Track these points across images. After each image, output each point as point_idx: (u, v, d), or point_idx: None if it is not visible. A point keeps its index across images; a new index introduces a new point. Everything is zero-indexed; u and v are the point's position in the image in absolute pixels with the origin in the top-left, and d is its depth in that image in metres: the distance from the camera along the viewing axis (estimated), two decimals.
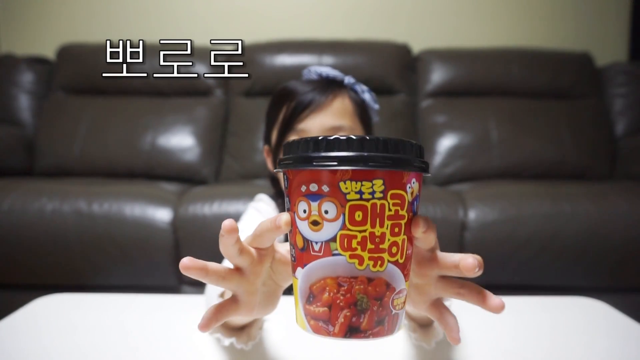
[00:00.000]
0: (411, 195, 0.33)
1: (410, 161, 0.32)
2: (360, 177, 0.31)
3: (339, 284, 0.32)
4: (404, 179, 0.32)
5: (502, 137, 1.90)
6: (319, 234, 0.32)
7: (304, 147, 0.32)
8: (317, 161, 0.31)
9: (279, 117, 0.79)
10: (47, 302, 0.73)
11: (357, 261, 0.32)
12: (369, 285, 0.32)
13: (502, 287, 1.40)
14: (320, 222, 0.32)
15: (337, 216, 0.31)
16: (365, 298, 0.32)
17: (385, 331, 0.33)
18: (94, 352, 0.56)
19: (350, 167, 0.30)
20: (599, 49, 2.25)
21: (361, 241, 0.31)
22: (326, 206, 0.31)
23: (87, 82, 2.05)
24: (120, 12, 2.29)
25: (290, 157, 0.33)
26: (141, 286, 1.40)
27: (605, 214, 1.38)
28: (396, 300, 0.33)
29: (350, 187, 0.31)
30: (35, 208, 1.39)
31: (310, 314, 0.33)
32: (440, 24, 2.30)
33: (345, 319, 0.32)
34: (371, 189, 0.31)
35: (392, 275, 0.33)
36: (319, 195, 0.32)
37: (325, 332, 0.33)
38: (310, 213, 0.32)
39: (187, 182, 1.84)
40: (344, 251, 0.32)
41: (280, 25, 2.27)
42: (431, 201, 1.43)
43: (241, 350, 0.57)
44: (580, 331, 0.65)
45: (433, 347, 0.54)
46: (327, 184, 0.31)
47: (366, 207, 0.31)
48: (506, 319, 0.69)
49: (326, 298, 0.32)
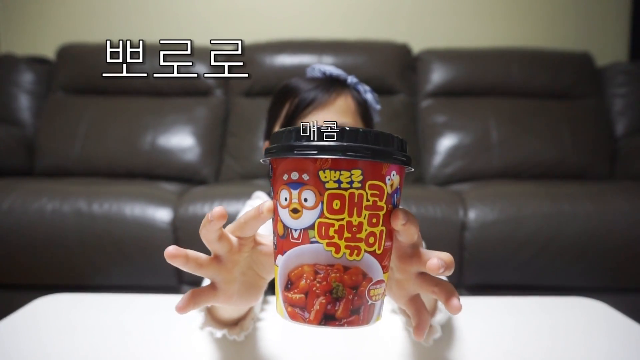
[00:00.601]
0: (391, 188, 0.33)
1: (389, 153, 0.33)
2: (339, 167, 0.32)
3: (316, 271, 0.33)
4: (383, 171, 0.33)
5: (502, 137, 1.90)
6: (299, 221, 0.33)
7: (288, 137, 0.33)
8: (298, 150, 0.32)
9: (282, 113, 0.80)
10: (47, 302, 0.73)
11: (334, 249, 0.32)
12: (345, 273, 0.33)
13: (502, 287, 1.40)
14: (300, 210, 0.32)
15: (316, 204, 0.32)
16: (341, 286, 0.33)
17: (360, 320, 0.34)
18: (94, 352, 0.56)
19: (329, 155, 0.31)
20: (599, 49, 2.25)
21: (338, 229, 0.32)
22: (306, 194, 0.32)
23: (87, 82, 2.05)
24: (120, 12, 2.29)
25: (275, 147, 0.34)
26: (141, 286, 1.40)
27: (605, 214, 1.38)
28: (373, 291, 0.34)
29: (329, 176, 0.32)
30: (35, 208, 1.39)
31: (288, 300, 0.34)
32: (440, 24, 2.30)
33: (321, 306, 0.33)
34: (350, 178, 0.32)
35: (369, 265, 0.33)
36: (299, 183, 0.32)
37: (301, 318, 0.33)
38: (291, 201, 0.33)
39: (187, 182, 1.84)
40: (321, 239, 0.32)
41: (280, 25, 2.27)
42: (431, 201, 1.43)
43: (240, 350, 0.57)
44: (580, 331, 0.65)
45: (431, 344, 0.54)
46: (307, 172, 0.32)
47: (344, 196, 0.32)
48: (506, 319, 0.69)
49: (303, 285, 0.33)
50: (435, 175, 1.91)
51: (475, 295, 1.28)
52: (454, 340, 0.60)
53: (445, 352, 0.57)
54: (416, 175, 1.95)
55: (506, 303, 0.76)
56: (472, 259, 1.39)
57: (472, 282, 1.41)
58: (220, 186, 1.75)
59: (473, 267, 1.39)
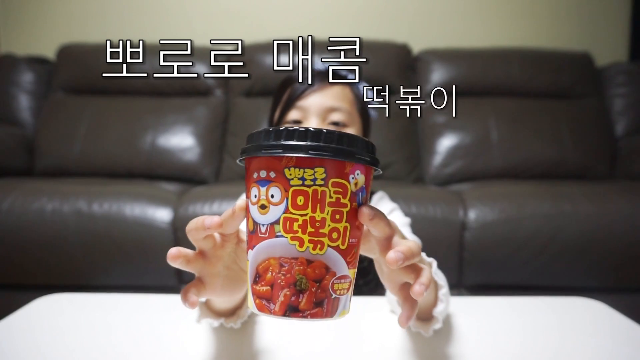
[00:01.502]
0: (355, 186, 0.35)
1: (352, 153, 0.34)
2: (303, 165, 0.33)
3: (281, 264, 0.34)
4: (346, 169, 0.34)
5: (502, 137, 1.90)
6: (266, 216, 0.34)
7: (257, 137, 0.35)
8: (265, 149, 0.34)
9: (283, 98, 0.83)
10: (47, 302, 0.73)
11: (298, 243, 0.34)
12: (308, 266, 0.34)
13: (502, 287, 1.40)
14: (267, 206, 0.34)
15: (282, 200, 0.34)
16: (304, 279, 0.34)
17: (323, 313, 0.35)
18: (94, 353, 0.56)
19: (293, 154, 0.33)
20: (599, 49, 2.25)
21: (302, 224, 0.34)
22: (272, 191, 0.34)
23: (87, 82, 2.05)
24: (120, 12, 2.29)
25: (247, 147, 0.36)
26: (141, 286, 1.40)
27: (605, 214, 1.38)
28: (337, 285, 0.35)
29: (294, 174, 0.33)
30: (35, 208, 1.39)
31: (256, 293, 0.35)
32: (440, 24, 2.30)
33: (285, 297, 0.34)
34: (313, 176, 0.33)
35: (332, 259, 0.35)
36: (267, 180, 0.34)
37: (267, 310, 0.35)
38: (260, 197, 0.35)
39: (187, 182, 1.84)
40: (286, 233, 0.34)
41: (281, 25, 2.27)
42: (431, 201, 1.43)
43: (240, 350, 0.57)
44: (580, 331, 0.65)
45: (431, 334, 0.55)
46: (273, 170, 0.34)
47: (307, 193, 0.33)
48: (506, 319, 0.69)
49: (269, 277, 0.35)
50: (435, 175, 1.91)
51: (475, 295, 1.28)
52: (453, 340, 0.60)
53: (444, 352, 0.57)
54: (416, 175, 1.95)
55: (506, 303, 0.76)
56: (472, 259, 1.39)
57: (472, 282, 1.41)
58: (220, 186, 1.75)
59: (473, 267, 1.39)
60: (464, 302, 0.76)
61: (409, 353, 0.57)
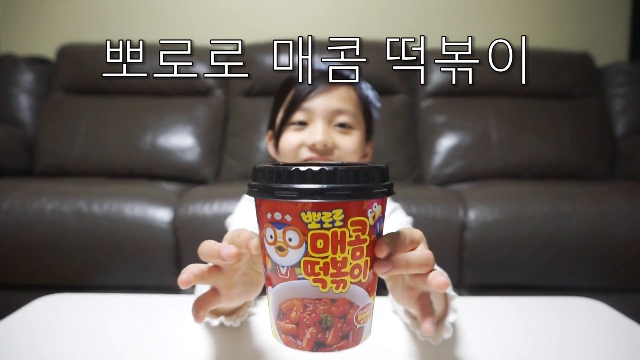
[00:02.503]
0: (373, 219, 0.34)
1: (369, 189, 0.33)
2: (320, 208, 0.32)
3: (305, 304, 0.34)
4: (364, 206, 0.33)
5: (502, 137, 1.90)
6: (285, 259, 0.34)
7: (268, 177, 0.33)
8: (278, 192, 0.32)
9: (287, 98, 0.82)
10: (47, 302, 0.73)
11: (321, 285, 0.33)
12: (332, 305, 0.34)
13: (502, 287, 1.40)
14: (285, 249, 0.33)
15: (300, 244, 0.33)
16: (330, 317, 0.34)
17: (350, 344, 0.35)
18: (94, 353, 0.56)
19: (309, 200, 0.31)
20: (599, 49, 2.25)
21: (323, 267, 0.33)
22: (290, 234, 0.33)
23: (87, 82, 2.05)
24: (120, 12, 2.29)
25: (257, 185, 0.34)
26: (141, 286, 1.40)
27: (605, 214, 1.38)
28: (360, 316, 0.35)
29: (311, 218, 0.32)
30: (35, 208, 1.39)
31: (281, 329, 0.36)
32: (440, 24, 2.30)
33: (312, 335, 0.34)
34: (331, 218, 0.32)
35: (355, 294, 0.34)
36: (282, 223, 0.33)
37: (294, 345, 0.35)
38: (276, 239, 0.34)
39: (187, 182, 1.84)
40: (307, 276, 0.33)
41: (281, 25, 2.27)
42: (431, 201, 1.43)
43: (240, 350, 0.57)
44: (580, 331, 0.65)
45: (439, 343, 0.54)
46: (289, 214, 0.33)
47: (327, 236, 0.32)
48: (505, 319, 0.69)
49: (294, 317, 0.35)
50: (435, 175, 1.91)
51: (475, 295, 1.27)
52: (453, 340, 0.60)
53: (445, 352, 0.57)
54: (416, 175, 1.95)
55: (506, 303, 0.76)
56: (472, 259, 1.39)
57: (472, 282, 1.41)
58: (220, 186, 1.75)
59: (473, 267, 1.39)
60: (464, 302, 0.76)
61: (410, 353, 0.57)
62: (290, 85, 0.83)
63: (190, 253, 1.38)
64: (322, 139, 0.76)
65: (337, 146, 0.78)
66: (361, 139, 0.82)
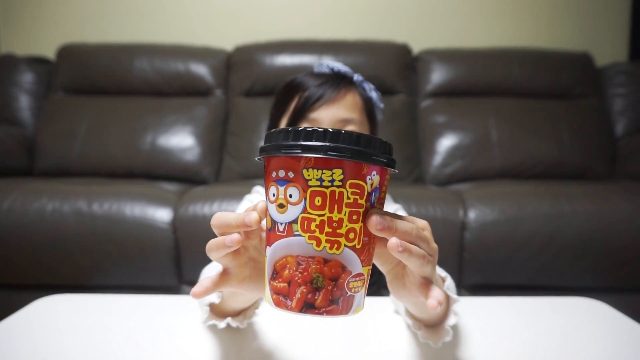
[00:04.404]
0: (371, 187, 0.36)
1: (369, 154, 0.34)
2: (321, 166, 0.34)
3: (298, 262, 0.35)
4: (364, 171, 0.35)
5: (502, 137, 1.90)
6: (284, 215, 0.35)
7: (277, 136, 0.36)
8: (285, 149, 0.34)
9: (290, 106, 0.81)
10: (47, 302, 0.73)
11: (315, 242, 0.34)
12: (325, 265, 0.35)
13: (502, 287, 1.40)
14: (285, 205, 0.35)
15: (300, 200, 0.34)
16: (321, 277, 0.35)
17: (339, 310, 0.36)
18: (94, 353, 0.56)
19: (312, 154, 0.33)
20: (599, 49, 2.25)
21: (319, 224, 0.34)
22: (291, 190, 0.35)
23: (87, 82, 2.05)
24: (120, 12, 2.29)
25: (266, 146, 0.36)
26: (141, 286, 1.40)
27: (605, 214, 1.38)
28: (352, 283, 0.36)
29: (312, 175, 0.34)
30: (35, 208, 1.39)
31: (274, 288, 0.36)
32: (440, 24, 2.30)
33: (302, 294, 0.35)
34: (331, 177, 0.34)
35: (348, 258, 0.35)
36: (285, 180, 0.35)
37: (284, 306, 0.36)
38: (278, 197, 0.35)
39: (187, 182, 1.84)
40: (303, 232, 0.35)
41: (280, 25, 2.27)
42: (431, 201, 1.43)
43: (241, 350, 0.57)
44: (581, 331, 0.65)
45: (439, 346, 0.54)
46: (292, 170, 0.34)
47: (325, 194, 0.34)
48: (505, 319, 0.69)
49: (286, 275, 0.35)
50: (435, 175, 1.91)
51: (475, 295, 1.27)
52: (453, 340, 0.60)
53: (445, 352, 0.57)
54: (416, 175, 1.95)
55: (506, 303, 0.76)
56: (472, 259, 1.39)
57: (471, 282, 1.41)
58: (220, 186, 1.75)
59: (473, 267, 1.39)
60: (464, 302, 0.76)
61: (410, 353, 0.57)
62: (294, 91, 0.81)
63: (190, 253, 1.38)
64: None
65: None
66: None
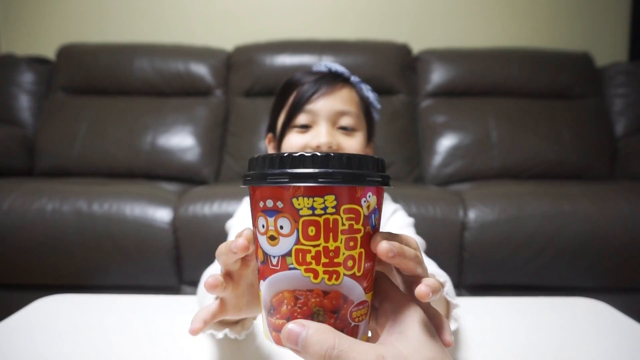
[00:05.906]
0: (367, 209, 0.33)
1: (362, 176, 0.32)
2: (312, 193, 0.31)
3: (296, 297, 0.33)
4: (358, 194, 0.32)
5: (502, 137, 1.90)
6: (276, 248, 0.33)
7: (261, 164, 0.33)
8: (271, 178, 0.32)
9: (288, 101, 0.82)
10: (47, 302, 0.73)
11: (312, 275, 0.32)
12: (324, 298, 0.32)
13: (502, 287, 1.40)
14: (277, 237, 0.33)
15: (292, 231, 0.32)
16: (322, 311, 0.33)
17: None
18: (94, 353, 0.56)
19: (300, 183, 0.31)
20: (599, 49, 2.25)
21: (315, 255, 0.32)
22: (281, 222, 0.32)
23: (87, 82, 2.05)
24: (120, 12, 2.29)
25: (250, 174, 0.34)
26: (141, 286, 1.40)
27: (605, 214, 1.38)
28: (355, 313, 0.34)
29: (303, 203, 0.31)
30: (35, 208, 1.39)
31: (272, 325, 0.34)
32: (440, 24, 2.30)
33: None
34: (323, 204, 0.31)
35: (349, 287, 0.33)
36: (274, 211, 0.32)
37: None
38: (268, 228, 0.33)
39: (187, 182, 1.84)
40: (299, 265, 0.32)
41: (281, 25, 2.27)
42: (431, 201, 1.43)
43: (241, 350, 0.57)
44: (581, 331, 0.65)
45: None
46: (281, 200, 0.32)
47: (319, 222, 0.32)
48: (506, 319, 0.69)
49: (284, 311, 0.33)
50: (435, 175, 1.91)
51: (475, 295, 1.27)
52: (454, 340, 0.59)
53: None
54: (416, 175, 1.95)
55: (506, 303, 0.76)
56: (472, 259, 1.39)
57: (471, 282, 1.41)
58: (220, 186, 1.75)
59: (473, 267, 1.39)
60: (464, 302, 0.76)
61: None
62: (292, 88, 0.82)
63: (190, 253, 1.38)
64: (327, 141, 0.76)
65: (341, 148, 0.78)
66: (364, 141, 0.82)
